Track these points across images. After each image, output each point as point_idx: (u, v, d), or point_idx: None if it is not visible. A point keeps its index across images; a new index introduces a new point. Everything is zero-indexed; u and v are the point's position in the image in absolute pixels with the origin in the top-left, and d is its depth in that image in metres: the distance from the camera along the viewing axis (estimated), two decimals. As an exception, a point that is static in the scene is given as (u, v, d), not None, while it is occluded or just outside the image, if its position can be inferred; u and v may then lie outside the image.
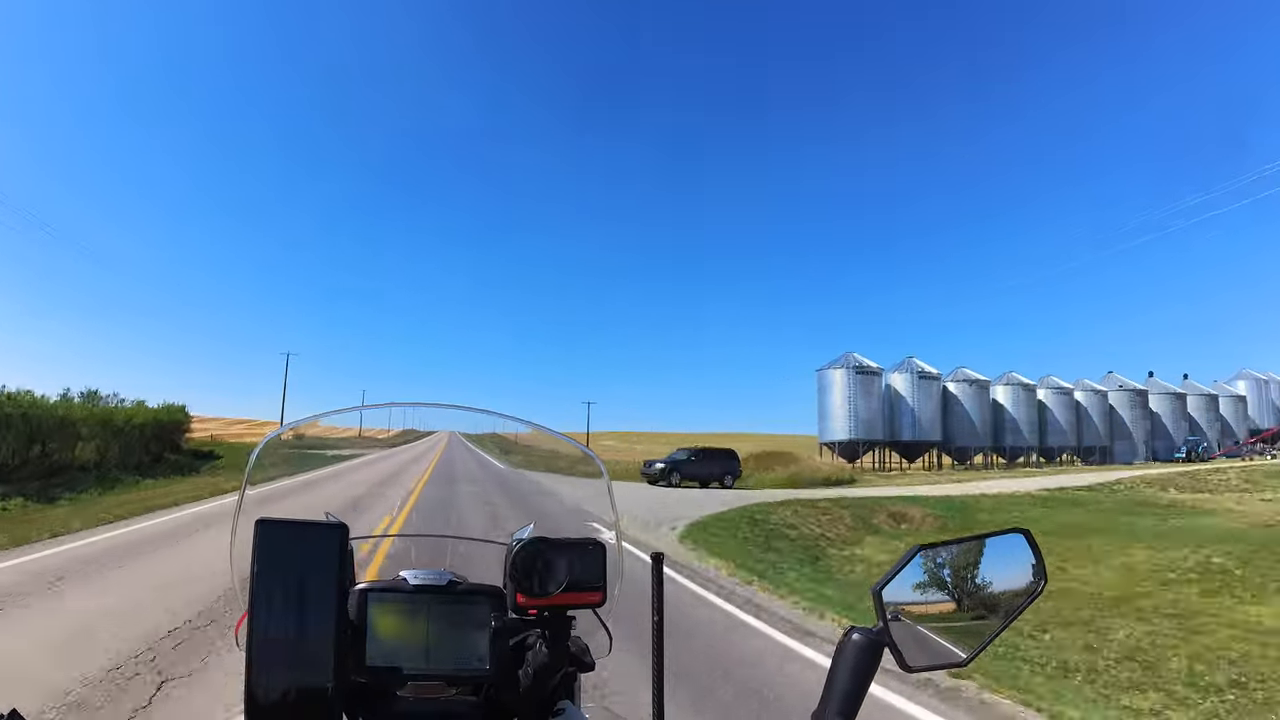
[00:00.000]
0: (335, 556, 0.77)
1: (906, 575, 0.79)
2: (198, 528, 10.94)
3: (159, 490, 17.68)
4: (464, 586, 0.92)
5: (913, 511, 18.42)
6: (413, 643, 0.86)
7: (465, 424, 1.80)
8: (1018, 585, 0.82)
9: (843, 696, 0.73)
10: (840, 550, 13.64)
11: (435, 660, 0.86)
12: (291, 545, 0.77)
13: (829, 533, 15.01)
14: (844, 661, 0.75)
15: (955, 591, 0.81)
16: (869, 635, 0.75)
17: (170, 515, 12.49)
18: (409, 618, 0.87)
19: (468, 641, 0.88)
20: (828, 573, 10.92)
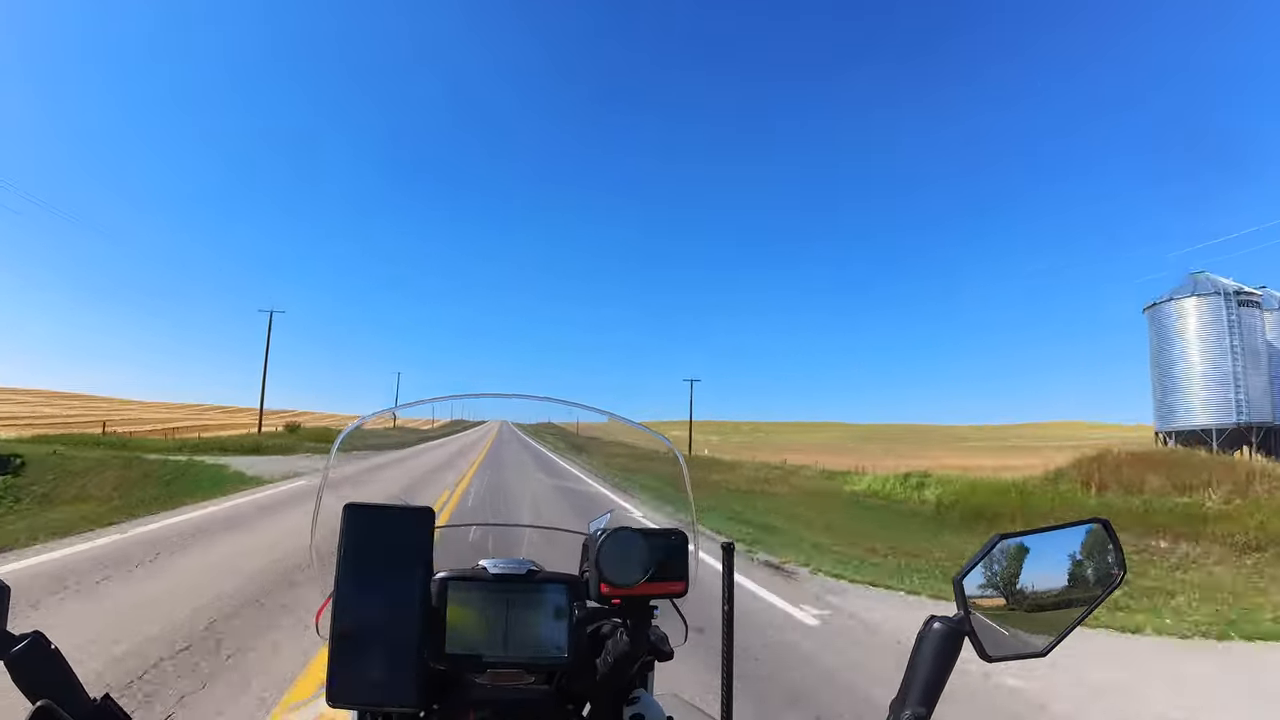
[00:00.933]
0: (421, 541, 0.78)
1: (987, 565, 0.79)
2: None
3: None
4: (542, 575, 0.92)
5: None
6: (492, 630, 0.87)
7: (519, 413, 1.79)
8: (1097, 575, 0.82)
9: (924, 685, 0.74)
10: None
11: (513, 648, 0.87)
12: (378, 529, 0.78)
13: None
14: (925, 650, 0.75)
15: (1034, 581, 0.80)
16: (949, 624, 0.76)
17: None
18: (488, 606, 0.88)
19: (546, 629, 0.88)
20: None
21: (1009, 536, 0.80)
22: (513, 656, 0.87)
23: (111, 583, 6.20)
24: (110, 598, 5.71)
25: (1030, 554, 0.80)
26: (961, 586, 0.77)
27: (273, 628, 4.98)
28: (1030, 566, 0.80)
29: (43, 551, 7.56)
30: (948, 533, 13.35)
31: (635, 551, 0.85)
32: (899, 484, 20.99)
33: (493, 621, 0.88)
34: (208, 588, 6.06)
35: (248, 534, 9.17)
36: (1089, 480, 18.55)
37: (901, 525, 14.53)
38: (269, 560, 7.31)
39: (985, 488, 18.33)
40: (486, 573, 0.91)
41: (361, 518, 0.78)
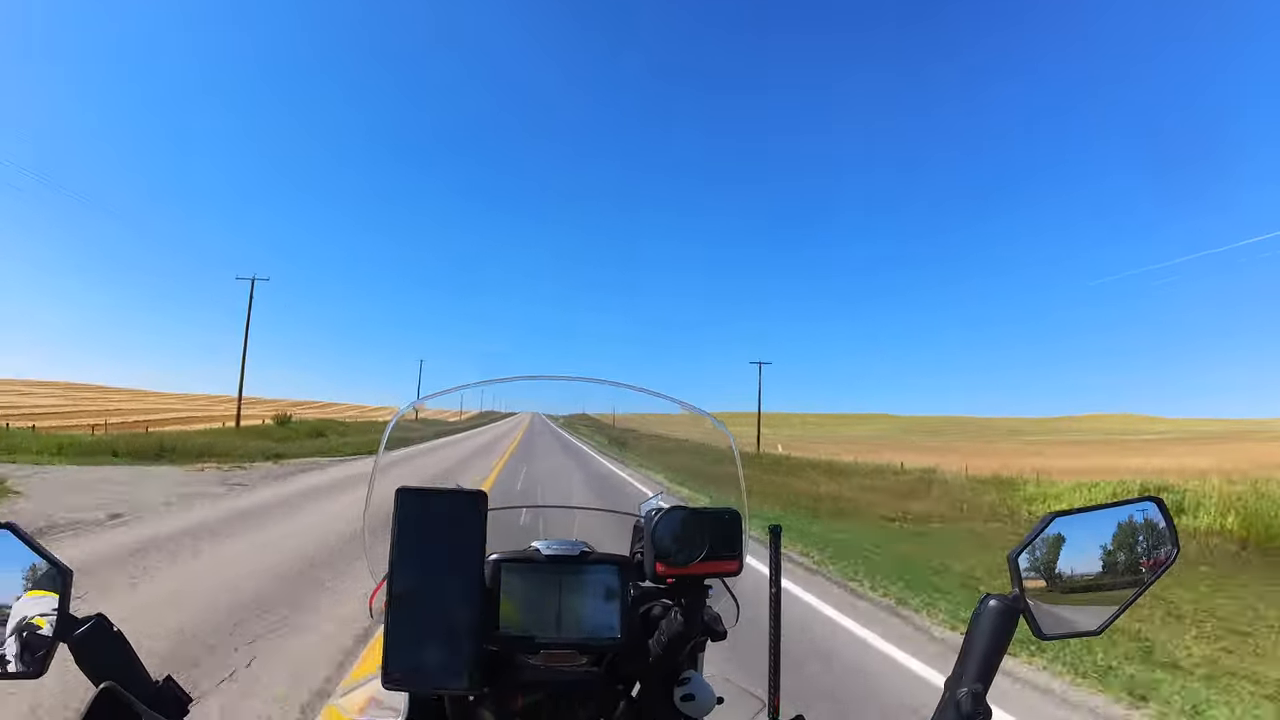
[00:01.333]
0: (475, 524, 0.78)
1: (1041, 543, 0.79)
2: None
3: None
4: (595, 556, 0.93)
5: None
6: (544, 612, 0.88)
7: (554, 402, 1.71)
8: (1151, 553, 0.82)
9: (979, 662, 0.75)
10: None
11: (566, 629, 0.88)
12: (431, 513, 0.79)
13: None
14: (980, 628, 0.76)
15: (1088, 560, 0.81)
16: (1005, 602, 0.76)
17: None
18: (541, 587, 0.89)
19: (598, 610, 0.89)
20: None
21: (1063, 514, 0.80)
22: (565, 637, 0.88)
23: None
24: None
25: (1084, 532, 0.80)
26: (1016, 564, 0.78)
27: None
28: (1084, 545, 0.80)
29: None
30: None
31: (691, 530, 0.85)
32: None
33: (545, 603, 0.88)
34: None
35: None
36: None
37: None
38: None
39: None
40: (539, 554, 0.91)
41: (414, 501, 0.78)
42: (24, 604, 0.71)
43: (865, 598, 6.71)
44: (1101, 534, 0.82)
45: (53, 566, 0.72)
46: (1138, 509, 0.83)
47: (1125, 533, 0.82)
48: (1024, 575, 0.78)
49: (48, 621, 0.70)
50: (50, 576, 0.72)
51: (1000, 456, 33.88)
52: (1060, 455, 41.81)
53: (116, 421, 38.34)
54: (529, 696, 0.93)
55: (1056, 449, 58.51)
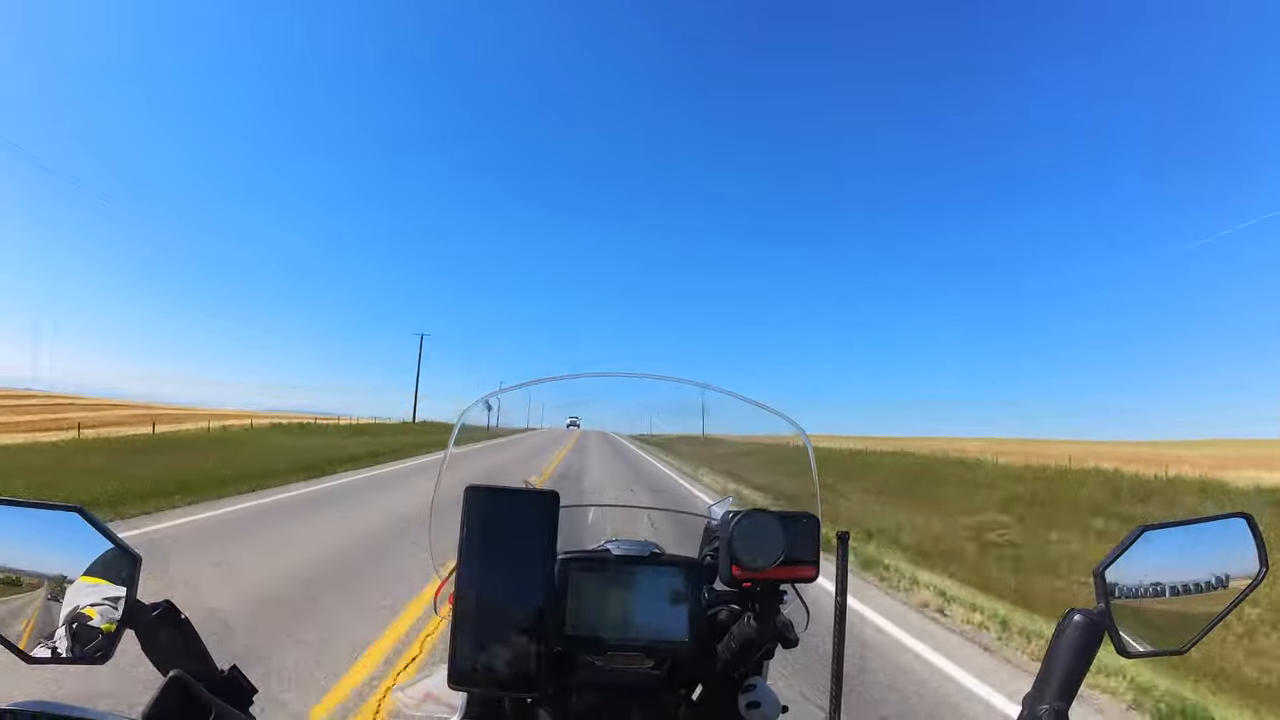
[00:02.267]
0: (546, 524, 0.76)
1: (1129, 557, 0.76)
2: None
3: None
4: (665, 558, 0.92)
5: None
6: (613, 612, 0.87)
7: (620, 414, 1.61)
8: (1238, 571, 0.79)
9: (1063, 679, 0.72)
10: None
11: (634, 630, 0.87)
12: (501, 512, 0.77)
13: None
14: (1064, 643, 0.73)
15: (1175, 575, 0.78)
16: (1089, 617, 0.74)
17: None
18: (610, 587, 0.88)
19: (667, 612, 0.88)
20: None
21: (1152, 528, 0.77)
22: (633, 638, 0.86)
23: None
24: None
25: (1172, 547, 0.78)
26: (1103, 578, 0.75)
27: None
28: (1172, 560, 0.77)
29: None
30: None
31: (769, 535, 0.83)
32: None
33: (614, 603, 0.87)
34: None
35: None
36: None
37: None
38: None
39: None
40: (610, 554, 0.90)
41: (483, 499, 0.77)
42: (85, 589, 0.71)
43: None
44: (1190, 549, 0.79)
45: (122, 551, 0.71)
46: (1227, 525, 0.80)
47: (1213, 548, 0.79)
48: (1109, 589, 0.75)
49: (110, 607, 0.70)
50: (118, 561, 0.71)
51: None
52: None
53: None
54: (590, 697, 0.91)
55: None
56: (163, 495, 9.76)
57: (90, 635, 0.69)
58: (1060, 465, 22.87)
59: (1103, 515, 14.48)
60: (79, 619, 0.70)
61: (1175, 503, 15.88)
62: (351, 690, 3.57)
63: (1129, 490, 17.82)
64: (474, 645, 0.73)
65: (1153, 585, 0.77)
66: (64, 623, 0.70)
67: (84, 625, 0.69)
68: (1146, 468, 20.94)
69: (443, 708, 0.99)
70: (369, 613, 4.87)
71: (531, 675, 0.74)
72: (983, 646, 5.17)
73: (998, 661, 4.85)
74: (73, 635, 0.69)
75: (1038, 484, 19.53)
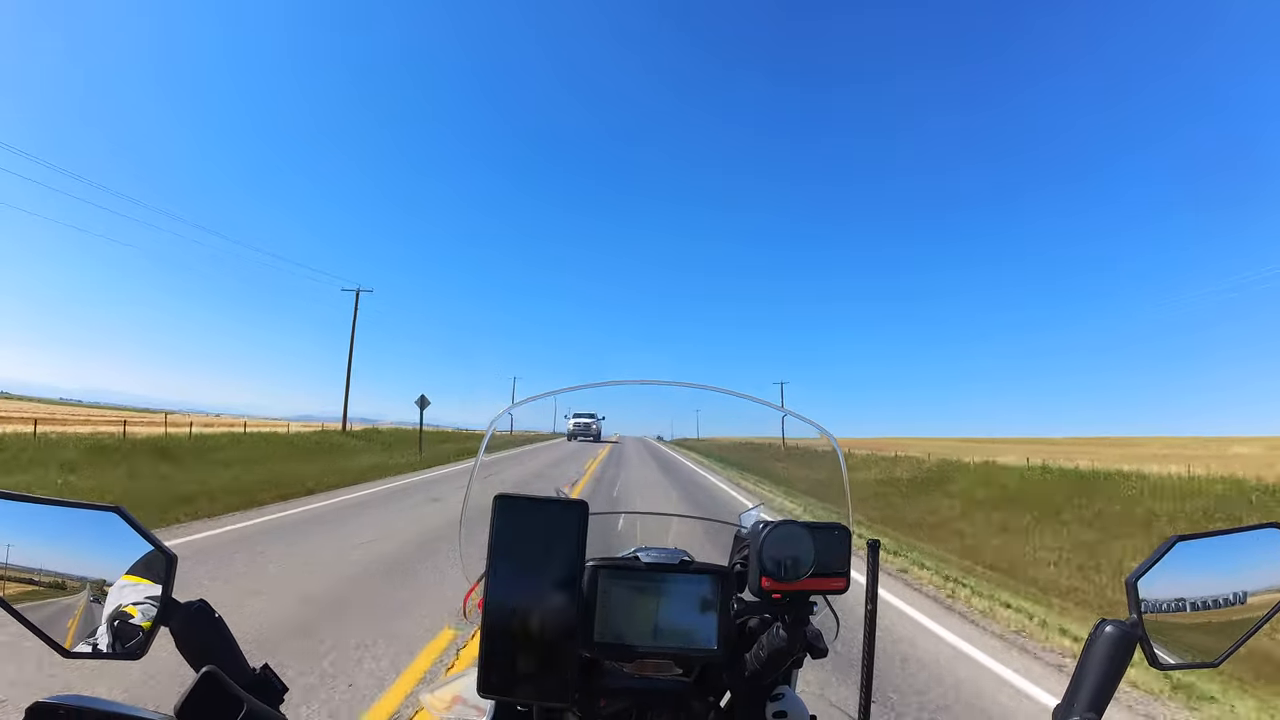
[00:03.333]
0: (576, 532, 0.76)
1: (1161, 568, 0.75)
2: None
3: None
4: (695, 566, 0.91)
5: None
6: (642, 620, 0.87)
7: (644, 421, 1.63)
8: (1273, 582, 0.77)
9: (1094, 690, 0.71)
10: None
11: (663, 638, 0.87)
12: (530, 520, 0.77)
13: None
14: (1095, 654, 0.73)
15: (1209, 587, 0.77)
16: (1121, 628, 0.73)
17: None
18: (640, 595, 0.87)
19: (697, 620, 0.87)
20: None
21: (1186, 539, 0.76)
22: (662, 646, 0.86)
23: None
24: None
25: (1206, 558, 0.77)
26: (1135, 589, 0.74)
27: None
28: (1205, 571, 0.76)
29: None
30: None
31: (800, 546, 0.83)
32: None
33: (643, 611, 0.87)
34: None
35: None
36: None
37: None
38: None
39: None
40: (639, 561, 0.90)
41: (513, 509, 0.77)
42: (122, 587, 0.72)
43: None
44: (1223, 560, 0.78)
45: (159, 551, 0.73)
46: (1260, 535, 0.79)
47: (1248, 559, 0.78)
48: (1142, 601, 0.75)
49: (146, 605, 0.72)
50: (155, 561, 0.73)
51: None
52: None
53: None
54: (619, 703, 0.91)
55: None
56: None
57: (130, 632, 0.71)
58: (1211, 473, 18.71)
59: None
60: (120, 616, 0.71)
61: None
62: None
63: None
64: (504, 652, 0.74)
65: (1186, 597, 0.77)
66: (106, 620, 0.71)
67: (125, 622, 0.71)
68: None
69: (471, 711, 0.99)
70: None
71: (561, 683, 0.74)
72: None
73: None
74: (113, 632, 0.71)
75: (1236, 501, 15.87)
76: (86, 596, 0.72)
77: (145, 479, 14.20)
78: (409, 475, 17.46)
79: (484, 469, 1.16)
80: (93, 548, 0.73)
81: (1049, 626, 5.89)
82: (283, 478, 15.03)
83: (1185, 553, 0.76)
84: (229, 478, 14.65)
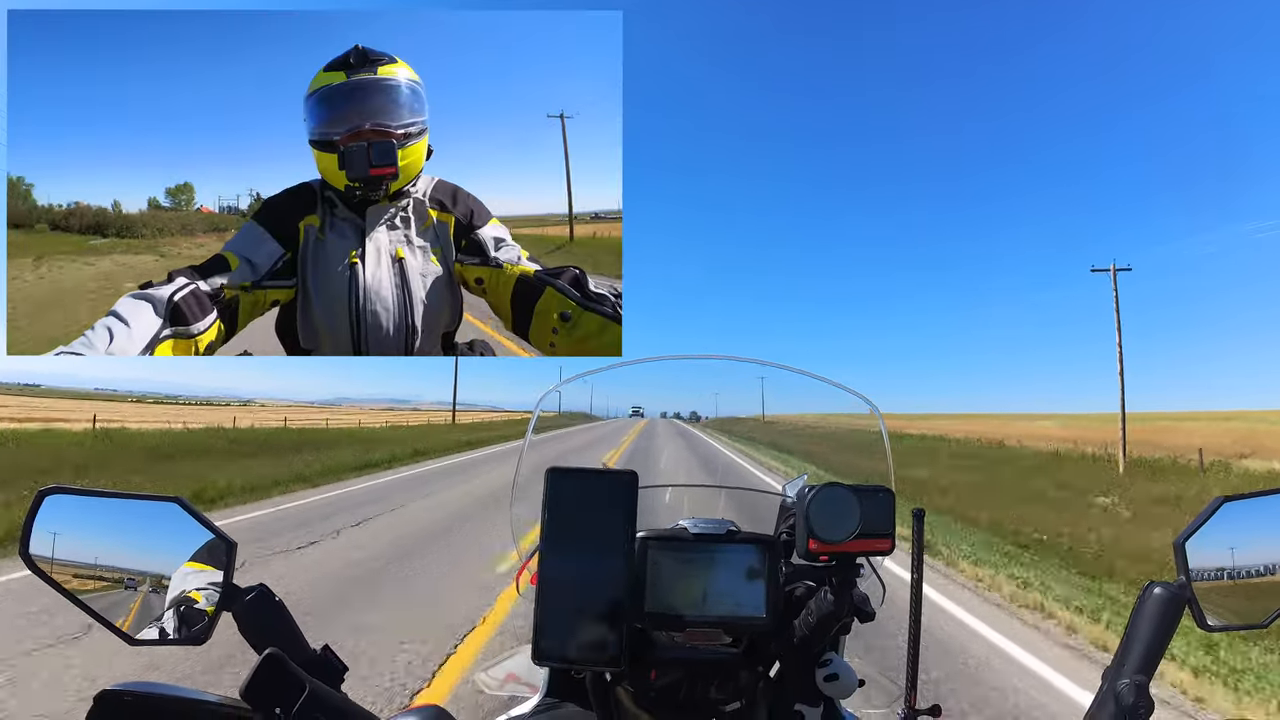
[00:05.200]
0: (626, 504, 0.78)
1: (1208, 529, 0.75)
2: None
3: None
4: (742, 535, 0.92)
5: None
6: (691, 590, 0.88)
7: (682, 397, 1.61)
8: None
9: (1143, 652, 0.72)
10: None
11: (712, 607, 0.88)
12: (581, 493, 0.78)
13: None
14: (1145, 616, 0.73)
15: (1258, 548, 0.76)
16: (1170, 590, 0.73)
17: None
18: (689, 565, 0.88)
19: (745, 589, 0.88)
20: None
21: (1232, 499, 0.76)
22: (711, 615, 0.87)
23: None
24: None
25: (1253, 519, 0.76)
26: (1184, 551, 0.74)
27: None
28: (1254, 532, 0.76)
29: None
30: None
31: (846, 507, 0.83)
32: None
33: (692, 581, 0.88)
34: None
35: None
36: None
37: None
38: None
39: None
40: (687, 533, 0.91)
41: (564, 482, 0.78)
42: (185, 575, 0.75)
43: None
44: (1271, 521, 0.77)
45: (219, 539, 0.75)
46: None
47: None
48: (1190, 562, 0.75)
49: (207, 591, 0.74)
50: (216, 549, 0.75)
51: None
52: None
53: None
54: (670, 673, 0.92)
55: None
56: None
57: (195, 618, 0.73)
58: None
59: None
60: (185, 602, 0.74)
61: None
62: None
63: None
64: (557, 623, 0.75)
65: (1233, 558, 0.76)
66: (170, 606, 0.74)
67: (189, 608, 0.74)
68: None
69: (523, 687, 1.01)
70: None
71: (612, 652, 0.75)
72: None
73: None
74: (179, 618, 0.73)
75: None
76: (148, 586, 0.74)
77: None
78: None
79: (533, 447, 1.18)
80: (156, 538, 0.75)
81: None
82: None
83: (1232, 514, 0.76)
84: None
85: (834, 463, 12.35)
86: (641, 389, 1.70)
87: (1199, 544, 0.75)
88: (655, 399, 1.85)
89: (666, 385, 1.34)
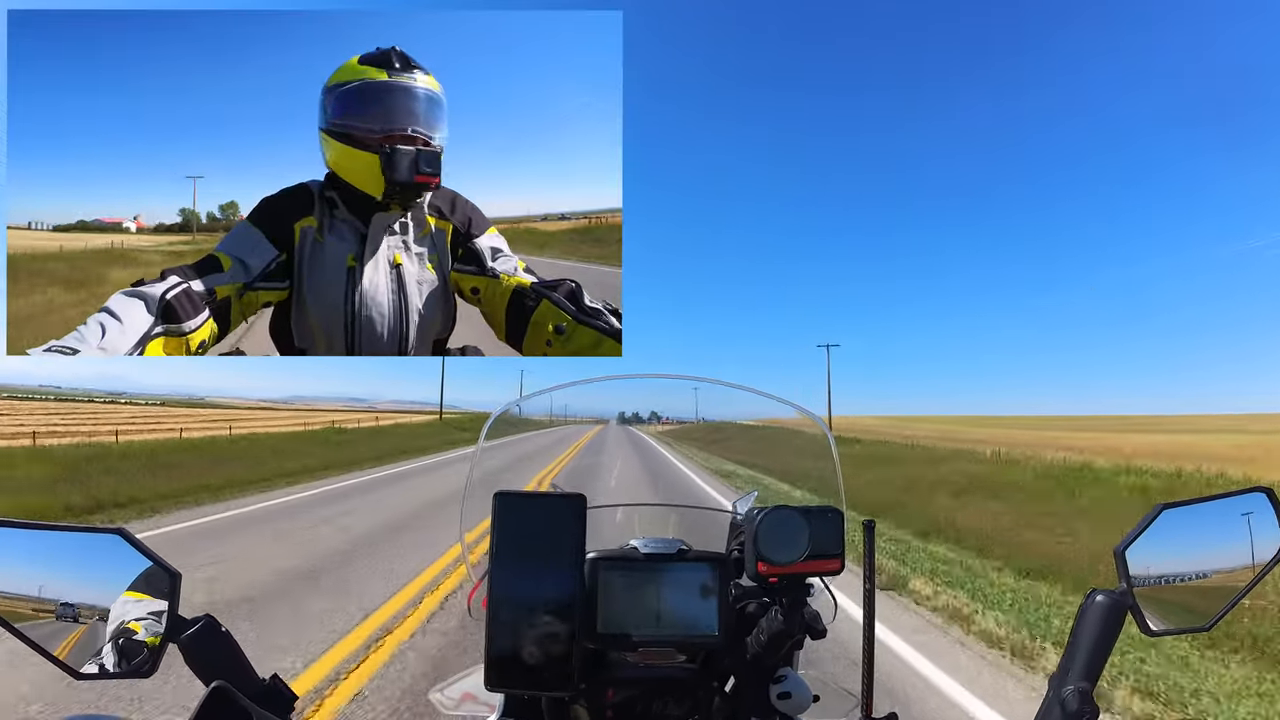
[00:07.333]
0: (574, 526, 0.78)
1: (1149, 536, 0.76)
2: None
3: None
4: (693, 554, 0.93)
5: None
6: (643, 610, 0.88)
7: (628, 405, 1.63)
8: (1260, 546, 0.78)
9: (1087, 659, 0.73)
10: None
11: (665, 627, 0.88)
12: (529, 516, 0.78)
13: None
14: (1087, 624, 0.74)
15: (1197, 553, 0.78)
16: (1112, 597, 0.74)
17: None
18: (640, 585, 0.89)
19: (697, 608, 0.89)
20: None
21: (1171, 506, 0.77)
22: (664, 635, 0.88)
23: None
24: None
25: (1192, 525, 0.77)
26: (1124, 558, 0.75)
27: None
28: (1193, 537, 0.77)
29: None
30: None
31: (794, 530, 0.84)
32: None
33: (644, 601, 0.88)
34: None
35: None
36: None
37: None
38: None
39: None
40: (638, 552, 0.91)
41: (512, 505, 0.77)
42: (124, 605, 0.73)
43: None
44: (1210, 526, 0.79)
45: (162, 570, 0.73)
46: (1247, 500, 0.80)
47: (1234, 524, 0.79)
48: (1131, 569, 0.76)
49: (147, 622, 0.72)
50: (159, 579, 0.73)
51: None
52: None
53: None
54: (625, 692, 0.93)
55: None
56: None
57: (135, 650, 0.71)
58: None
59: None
60: (124, 634, 0.71)
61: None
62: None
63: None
64: (509, 647, 0.75)
65: (1174, 563, 0.77)
66: (110, 639, 0.72)
67: (129, 640, 0.71)
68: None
69: (481, 707, 1.01)
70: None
71: (566, 674, 0.75)
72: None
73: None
74: (119, 651, 0.71)
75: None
76: (94, 619, 0.72)
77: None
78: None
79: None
80: (97, 570, 0.73)
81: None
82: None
83: (1172, 520, 0.77)
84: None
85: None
86: (604, 399, 1.73)
87: (1140, 550, 0.76)
88: (616, 408, 1.89)
89: (623, 401, 1.38)
